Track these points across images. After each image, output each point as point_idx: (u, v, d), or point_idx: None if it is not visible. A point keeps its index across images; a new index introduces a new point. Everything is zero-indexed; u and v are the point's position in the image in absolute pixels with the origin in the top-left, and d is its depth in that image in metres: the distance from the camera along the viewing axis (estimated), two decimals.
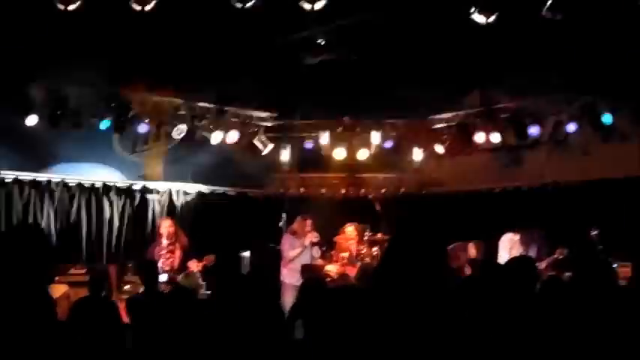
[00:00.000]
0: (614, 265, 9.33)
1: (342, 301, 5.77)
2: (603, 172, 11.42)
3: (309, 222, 11.09)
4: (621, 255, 9.81)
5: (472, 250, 10.82)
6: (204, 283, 10.05)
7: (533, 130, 11.80)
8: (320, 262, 11.14)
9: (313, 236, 10.95)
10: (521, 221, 10.59)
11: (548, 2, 8.24)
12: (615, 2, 8.81)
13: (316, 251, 11.12)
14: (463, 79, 12.31)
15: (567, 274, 9.19)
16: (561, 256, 10.08)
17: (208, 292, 9.83)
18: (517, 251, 9.90)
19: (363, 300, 5.48)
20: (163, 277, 9.46)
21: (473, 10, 8.62)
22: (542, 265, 9.84)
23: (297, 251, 10.82)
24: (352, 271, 10.81)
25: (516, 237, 10.36)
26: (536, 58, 10.84)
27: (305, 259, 10.78)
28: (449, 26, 9.89)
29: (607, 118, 11.07)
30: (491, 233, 10.82)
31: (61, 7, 7.99)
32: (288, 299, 9.56)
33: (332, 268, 11.04)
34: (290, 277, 10.59)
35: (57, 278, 9.75)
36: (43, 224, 10.73)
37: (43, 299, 6.89)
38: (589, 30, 9.49)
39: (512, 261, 6.39)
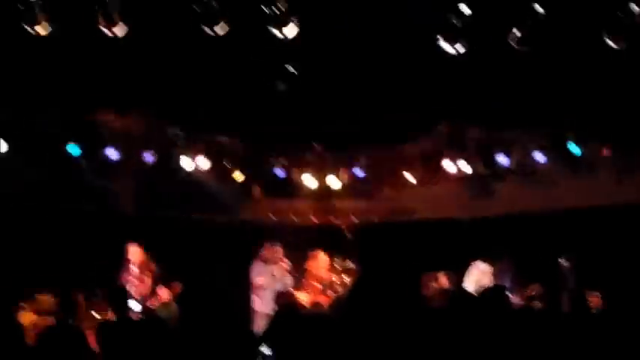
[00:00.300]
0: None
1: (315, 329, 5.76)
2: (572, 202, 11.54)
3: (278, 249, 11.05)
4: (591, 284, 9.92)
5: (443, 280, 10.82)
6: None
7: (503, 160, 11.90)
8: (291, 290, 11.06)
9: (284, 264, 10.91)
10: (491, 251, 10.62)
11: (517, 33, 8.37)
12: (581, 35, 8.95)
13: (289, 279, 11.06)
14: (433, 108, 12.40)
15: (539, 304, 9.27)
16: (534, 292, 10.10)
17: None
18: (487, 282, 9.88)
19: (335, 328, 5.47)
20: (136, 305, 9.34)
21: (443, 39, 8.71)
22: (516, 299, 9.87)
23: (265, 279, 10.77)
24: (324, 300, 10.75)
25: (487, 268, 10.36)
26: (506, 89, 10.96)
27: (277, 286, 10.72)
28: (420, 56, 9.98)
29: (575, 149, 11.20)
30: (461, 262, 10.83)
31: (31, 31, 7.96)
32: (260, 327, 9.50)
33: (304, 297, 10.96)
34: (261, 304, 10.51)
35: (24, 305, 9.61)
36: (9, 250, 10.59)
37: (11, 326, 6.80)
38: (558, 61, 9.63)
39: (486, 291, 6.41)
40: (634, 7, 7.94)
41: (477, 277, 10.23)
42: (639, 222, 10.70)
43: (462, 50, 8.65)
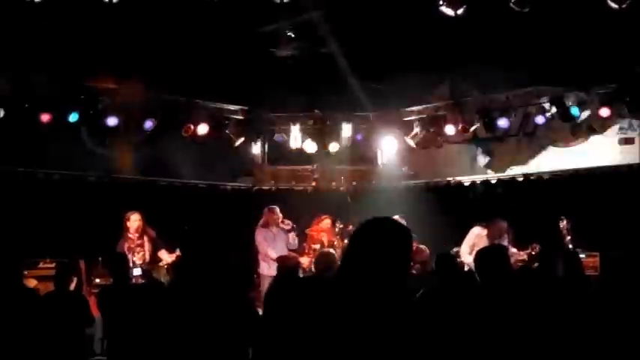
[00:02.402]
0: (582, 256, 9.47)
1: (313, 292, 5.80)
2: (572, 163, 11.53)
3: (277, 210, 11.11)
4: (590, 245, 9.94)
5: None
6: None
7: (503, 123, 11.89)
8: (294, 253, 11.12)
9: (285, 226, 10.98)
10: (491, 213, 10.62)
11: None
12: None
13: (292, 238, 11.10)
14: (433, 72, 12.37)
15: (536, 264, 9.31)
16: (534, 252, 10.13)
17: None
18: (483, 245, 9.83)
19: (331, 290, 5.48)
20: (137, 271, 9.41)
21: (442, 2, 8.66)
22: (521, 255, 9.92)
23: (267, 243, 10.85)
24: None
25: (483, 232, 10.37)
26: (505, 51, 10.92)
27: (281, 247, 10.80)
28: (418, 19, 9.93)
29: (575, 111, 11.17)
30: (461, 225, 10.86)
31: None
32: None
33: (304, 261, 11.00)
34: (268, 268, 10.62)
35: (26, 272, 9.68)
36: (11, 218, 10.63)
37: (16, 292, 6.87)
38: (558, 22, 9.58)
39: (485, 250, 6.35)
40: None
41: (473, 241, 10.25)
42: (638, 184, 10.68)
43: (461, 12, 8.61)
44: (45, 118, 10.73)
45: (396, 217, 10.03)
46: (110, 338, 7.10)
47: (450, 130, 12.33)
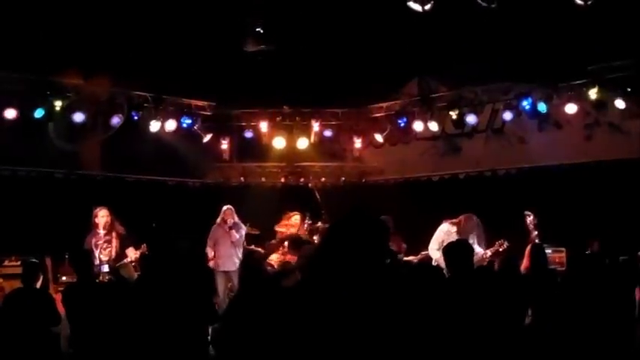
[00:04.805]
0: (549, 251, 9.53)
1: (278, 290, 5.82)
2: (539, 159, 11.61)
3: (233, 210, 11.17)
4: (557, 241, 10.02)
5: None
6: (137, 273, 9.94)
7: (471, 119, 11.95)
8: (261, 250, 11.14)
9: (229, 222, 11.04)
10: (460, 209, 10.64)
11: None
12: None
13: (234, 235, 11.02)
14: (401, 68, 12.40)
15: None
16: (501, 248, 10.10)
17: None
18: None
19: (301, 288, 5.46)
20: (105, 268, 9.33)
21: None
22: (487, 253, 9.89)
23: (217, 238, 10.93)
24: (293, 259, 10.76)
25: (453, 229, 10.34)
26: (473, 48, 10.97)
27: (226, 242, 10.82)
28: (387, 15, 9.95)
29: (542, 107, 11.25)
30: (429, 221, 10.87)
31: None
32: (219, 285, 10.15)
33: (274, 257, 10.97)
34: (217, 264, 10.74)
35: None
36: None
37: None
38: (524, 19, 9.64)
39: (450, 245, 6.40)
40: None
41: (442, 237, 10.23)
42: (606, 179, 10.78)
43: (428, 8, 8.63)
44: (10, 114, 10.63)
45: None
46: (74, 336, 7.03)
47: (418, 126, 12.38)
